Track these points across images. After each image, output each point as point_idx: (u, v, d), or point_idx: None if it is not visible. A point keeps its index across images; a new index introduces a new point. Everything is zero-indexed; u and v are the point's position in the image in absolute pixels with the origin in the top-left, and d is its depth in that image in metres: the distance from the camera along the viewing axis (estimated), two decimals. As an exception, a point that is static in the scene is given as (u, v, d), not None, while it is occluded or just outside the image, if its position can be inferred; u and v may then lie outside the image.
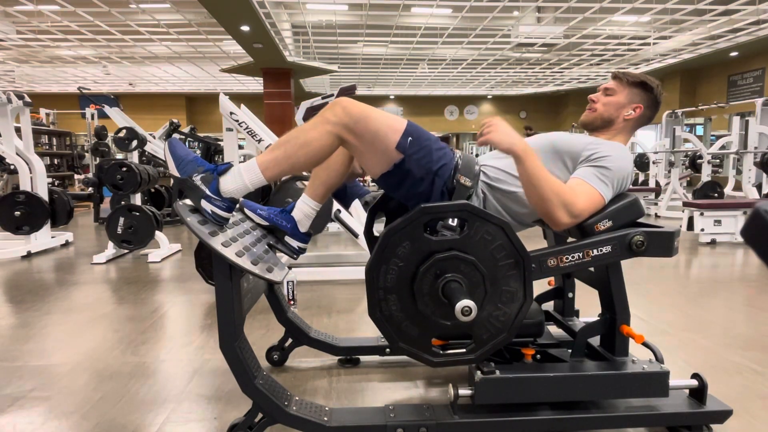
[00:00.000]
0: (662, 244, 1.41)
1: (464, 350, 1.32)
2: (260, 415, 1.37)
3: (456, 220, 1.31)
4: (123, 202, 4.36)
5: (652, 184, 8.97)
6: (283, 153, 1.36)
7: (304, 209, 1.60)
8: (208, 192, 1.33)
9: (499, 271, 1.30)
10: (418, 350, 1.32)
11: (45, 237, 4.70)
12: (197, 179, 1.34)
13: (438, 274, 1.28)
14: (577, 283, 1.84)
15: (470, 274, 1.29)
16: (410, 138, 1.38)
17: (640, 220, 1.49)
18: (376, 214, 1.83)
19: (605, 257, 1.40)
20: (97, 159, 7.73)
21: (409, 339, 1.32)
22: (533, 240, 1.76)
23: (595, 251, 1.39)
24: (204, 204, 1.33)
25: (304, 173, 2.74)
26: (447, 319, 1.30)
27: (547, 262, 1.39)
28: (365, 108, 1.37)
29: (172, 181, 7.01)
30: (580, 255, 1.39)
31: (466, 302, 1.17)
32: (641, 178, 10.32)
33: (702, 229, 4.82)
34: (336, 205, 3.21)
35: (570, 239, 1.59)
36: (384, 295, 1.31)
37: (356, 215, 3.57)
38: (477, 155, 1.68)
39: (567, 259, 1.39)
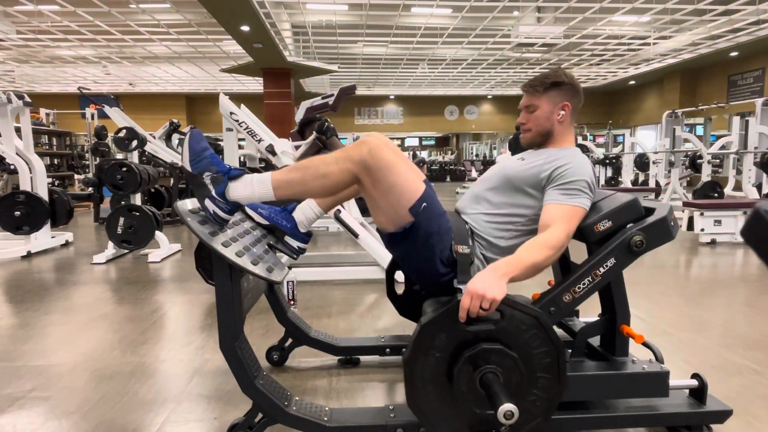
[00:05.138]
0: (660, 232, 1.41)
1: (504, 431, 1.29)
2: (260, 415, 1.37)
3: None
4: (123, 202, 4.36)
5: (652, 184, 8.97)
6: (299, 177, 1.35)
7: (307, 212, 1.60)
8: (213, 193, 1.33)
9: (534, 359, 1.27)
10: None
11: (45, 237, 4.70)
12: (207, 178, 1.34)
13: (476, 364, 1.26)
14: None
15: (506, 364, 1.26)
16: (424, 204, 1.35)
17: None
18: (393, 274, 1.83)
19: (613, 270, 1.40)
20: (97, 159, 7.73)
21: (448, 425, 1.30)
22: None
23: (601, 269, 1.40)
24: (207, 203, 1.34)
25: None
26: (485, 408, 1.26)
27: (562, 299, 1.39)
28: (391, 156, 1.33)
29: (172, 180, 7.00)
30: (590, 279, 1.39)
31: (508, 407, 1.15)
32: (641, 178, 10.33)
33: (702, 229, 4.82)
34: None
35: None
36: (423, 386, 1.29)
37: (348, 208, 3.56)
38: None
39: (579, 288, 1.39)
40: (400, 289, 1.84)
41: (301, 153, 3.41)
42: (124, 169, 4.33)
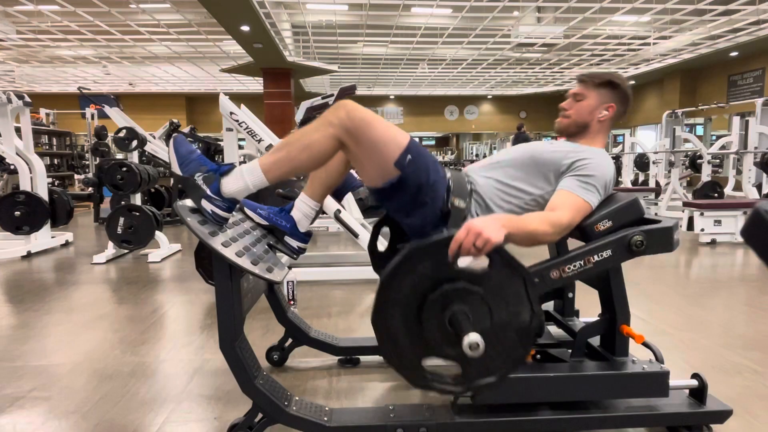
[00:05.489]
0: (662, 240, 1.42)
1: (450, 381, 1.28)
2: (260, 415, 1.37)
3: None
4: (123, 202, 4.36)
5: (652, 184, 8.96)
6: (285, 155, 1.35)
7: (303, 209, 1.60)
8: (208, 192, 1.34)
9: (507, 315, 1.27)
10: (406, 367, 1.29)
11: (45, 237, 4.70)
12: (199, 179, 1.34)
13: (451, 301, 1.25)
14: (577, 283, 1.83)
15: (480, 309, 1.25)
16: (410, 156, 1.35)
17: None
18: (380, 229, 1.82)
19: (607, 261, 1.40)
20: (97, 159, 7.73)
21: (402, 354, 1.29)
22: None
23: (596, 257, 1.39)
24: (204, 203, 1.34)
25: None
26: (445, 345, 1.26)
27: (549, 274, 1.39)
28: (369, 115, 1.34)
29: (172, 180, 7.00)
30: (582, 263, 1.39)
31: (476, 337, 1.14)
32: (641, 178, 10.33)
33: (702, 229, 4.82)
34: (336, 205, 3.20)
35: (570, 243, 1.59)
36: (392, 306, 1.27)
37: (348, 208, 3.55)
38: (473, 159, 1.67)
39: (569, 268, 1.39)
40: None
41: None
42: (124, 169, 4.33)
